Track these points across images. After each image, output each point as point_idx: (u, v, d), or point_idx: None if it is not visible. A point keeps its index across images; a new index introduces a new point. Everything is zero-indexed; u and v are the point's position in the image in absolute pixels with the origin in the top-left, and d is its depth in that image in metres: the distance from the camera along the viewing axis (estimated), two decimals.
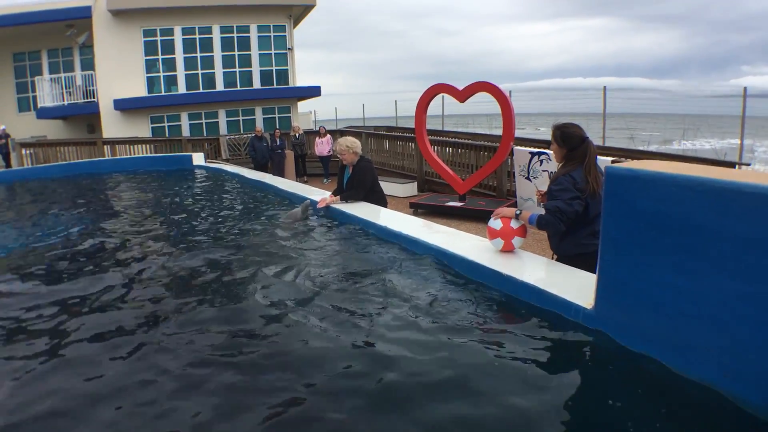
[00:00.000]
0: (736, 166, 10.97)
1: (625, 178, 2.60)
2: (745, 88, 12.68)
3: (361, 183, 6.47)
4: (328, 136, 18.39)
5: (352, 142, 6.48)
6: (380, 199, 6.66)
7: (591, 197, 3.77)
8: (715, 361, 2.35)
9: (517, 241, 4.05)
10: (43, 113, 23.53)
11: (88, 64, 24.00)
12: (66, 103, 23.78)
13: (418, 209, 11.93)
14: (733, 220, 2.19)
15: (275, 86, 25.66)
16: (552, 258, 4.13)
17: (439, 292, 3.79)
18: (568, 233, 3.89)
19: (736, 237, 2.19)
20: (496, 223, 4.06)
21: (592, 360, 2.84)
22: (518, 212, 4.01)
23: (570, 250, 3.93)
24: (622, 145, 18.51)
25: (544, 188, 4.22)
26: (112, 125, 22.86)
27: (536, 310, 3.34)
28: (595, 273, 2.92)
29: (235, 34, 24.75)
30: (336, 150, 6.71)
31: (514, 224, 4.02)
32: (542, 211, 3.93)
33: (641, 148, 16.20)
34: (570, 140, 3.91)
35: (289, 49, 25.73)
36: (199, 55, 24.35)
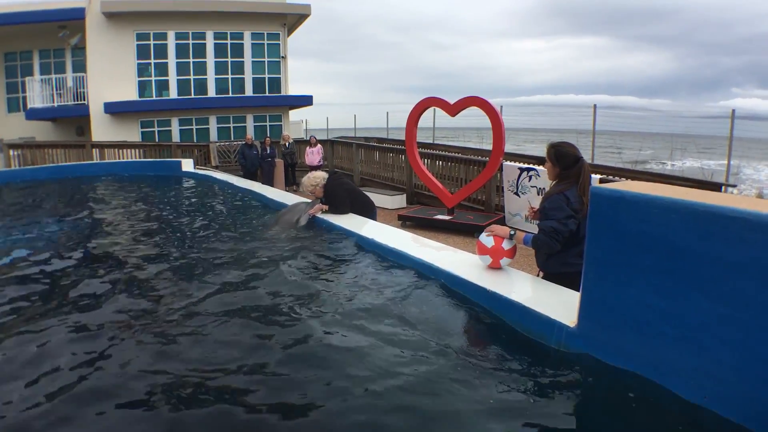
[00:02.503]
0: (723, 187, 11.06)
1: (609, 199, 2.62)
2: (733, 110, 12.79)
3: (337, 202, 6.47)
4: (319, 145, 18.40)
5: (314, 179, 6.56)
6: (365, 207, 6.65)
7: (584, 218, 3.77)
8: (694, 383, 2.37)
9: (504, 261, 4.05)
10: (33, 114, 23.36)
11: (80, 66, 23.88)
12: (56, 104, 23.62)
13: (407, 222, 11.94)
14: (714, 243, 2.21)
15: (267, 94, 25.65)
16: (537, 274, 4.12)
17: (422, 306, 3.79)
18: (557, 251, 3.88)
19: (716, 260, 2.21)
20: (488, 240, 4.04)
21: (573, 378, 2.84)
22: (512, 232, 3.99)
23: (556, 269, 3.92)
24: (611, 163, 18.62)
25: (536, 204, 4.22)
26: (102, 128, 22.73)
27: (519, 327, 3.35)
28: (578, 292, 2.93)
29: (228, 41, 24.75)
30: (306, 193, 6.75)
31: (506, 245, 4.00)
32: (530, 226, 3.93)
33: (629, 166, 16.28)
34: (564, 159, 3.90)
35: (282, 57, 25.76)
36: (191, 60, 24.31)
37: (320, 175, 6.63)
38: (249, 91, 25.43)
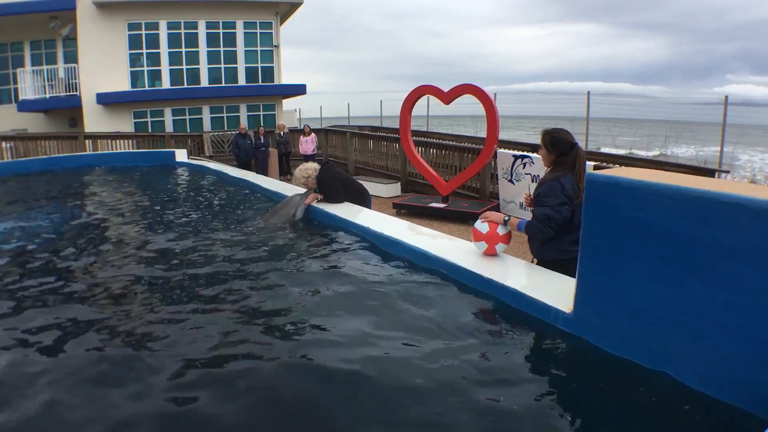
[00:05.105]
0: (716, 173, 11.08)
1: (605, 185, 2.62)
2: (726, 97, 12.79)
3: (330, 192, 6.47)
4: (313, 134, 18.35)
5: (306, 170, 6.54)
6: (359, 195, 6.65)
7: (580, 205, 3.77)
8: (690, 366, 2.38)
9: (500, 246, 4.07)
10: (25, 106, 23.20)
11: (71, 57, 23.68)
12: (48, 96, 23.44)
13: (401, 210, 11.94)
14: (709, 229, 2.22)
15: (260, 83, 25.53)
16: (532, 261, 4.14)
17: (419, 294, 3.80)
18: (551, 238, 3.88)
19: (712, 245, 2.22)
20: (482, 227, 4.07)
21: (570, 363, 2.87)
22: (507, 218, 4.00)
23: (550, 256, 3.92)
24: (605, 150, 18.64)
25: (532, 191, 4.22)
26: (95, 120, 22.59)
27: (516, 313, 3.36)
28: (574, 278, 2.95)
29: (221, 30, 24.60)
30: (299, 186, 6.73)
31: (500, 230, 4.02)
32: (527, 215, 3.92)
33: (624, 153, 16.32)
34: (559, 145, 3.88)
35: (275, 46, 25.63)
36: (184, 50, 24.15)
37: (312, 166, 6.62)
38: (242, 80, 25.31)
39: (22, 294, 4.11)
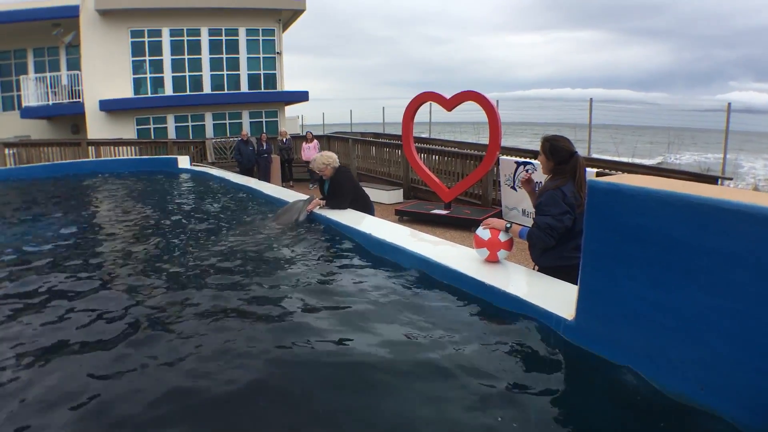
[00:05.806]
0: (719, 180, 11.07)
1: (606, 192, 2.62)
2: (729, 104, 12.79)
3: (340, 194, 6.46)
4: (315, 141, 18.38)
5: (328, 158, 6.50)
6: (365, 205, 6.65)
7: (580, 213, 3.77)
8: (691, 374, 2.38)
9: (502, 253, 4.06)
10: (28, 113, 23.25)
11: (74, 64, 23.76)
12: (51, 102, 23.47)
13: (404, 216, 11.94)
14: (710, 236, 2.22)
15: (263, 90, 25.59)
16: (533, 268, 4.13)
17: (420, 301, 3.80)
18: (552, 246, 3.88)
19: (713, 252, 2.22)
20: (484, 233, 4.07)
21: (572, 371, 2.86)
22: (508, 225, 4.00)
23: (551, 263, 3.93)
24: (607, 157, 18.63)
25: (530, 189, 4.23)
26: (97, 126, 22.64)
27: (518, 321, 3.36)
28: (575, 285, 2.94)
29: (223, 37, 24.66)
30: (314, 168, 6.70)
31: (502, 237, 4.02)
32: (529, 222, 3.93)
33: (626, 160, 16.30)
34: (558, 154, 3.90)
35: (277, 53, 25.69)
36: (186, 57, 24.21)
37: (335, 158, 6.59)
38: (244, 87, 25.36)
39: (23, 299, 4.11)
